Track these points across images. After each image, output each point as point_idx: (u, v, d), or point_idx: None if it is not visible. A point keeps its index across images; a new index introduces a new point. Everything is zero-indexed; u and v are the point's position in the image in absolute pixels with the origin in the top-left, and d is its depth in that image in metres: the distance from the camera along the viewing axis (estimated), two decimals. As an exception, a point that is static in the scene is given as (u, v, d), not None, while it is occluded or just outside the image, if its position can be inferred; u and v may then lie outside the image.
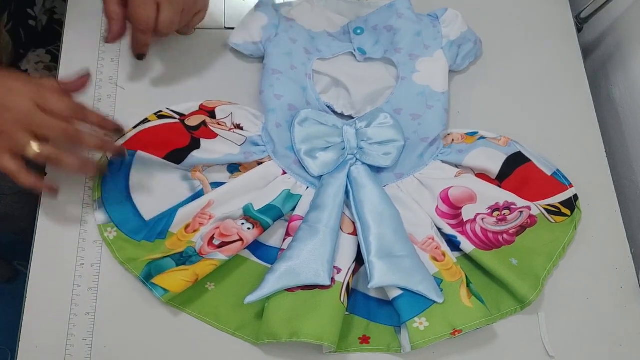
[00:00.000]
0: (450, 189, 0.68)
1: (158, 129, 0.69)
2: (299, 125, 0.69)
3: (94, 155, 0.68)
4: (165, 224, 0.65)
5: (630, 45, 0.83)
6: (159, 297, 0.61)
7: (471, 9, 0.84)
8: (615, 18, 0.86)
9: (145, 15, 0.66)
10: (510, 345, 0.65)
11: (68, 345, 0.61)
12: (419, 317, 0.61)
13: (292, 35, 0.75)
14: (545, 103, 0.79)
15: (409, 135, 0.72)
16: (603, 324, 0.67)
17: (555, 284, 0.68)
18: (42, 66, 0.87)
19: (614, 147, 0.83)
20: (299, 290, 0.62)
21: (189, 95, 0.74)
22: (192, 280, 0.61)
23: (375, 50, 0.76)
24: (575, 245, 0.70)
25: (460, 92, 0.78)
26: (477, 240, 0.67)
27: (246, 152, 0.68)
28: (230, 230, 0.64)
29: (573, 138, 0.77)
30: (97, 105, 0.72)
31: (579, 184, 0.73)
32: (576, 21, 0.86)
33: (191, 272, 0.61)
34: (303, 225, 0.64)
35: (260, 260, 0.66)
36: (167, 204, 0.66)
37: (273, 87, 0.71)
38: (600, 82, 0.89)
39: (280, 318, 0.60)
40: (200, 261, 0.62)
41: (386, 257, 0.62)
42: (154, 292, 0.61)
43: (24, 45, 0.85)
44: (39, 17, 0.87)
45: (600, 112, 0.81)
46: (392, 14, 0.77)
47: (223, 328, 0.63)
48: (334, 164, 0.68)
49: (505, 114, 0.78)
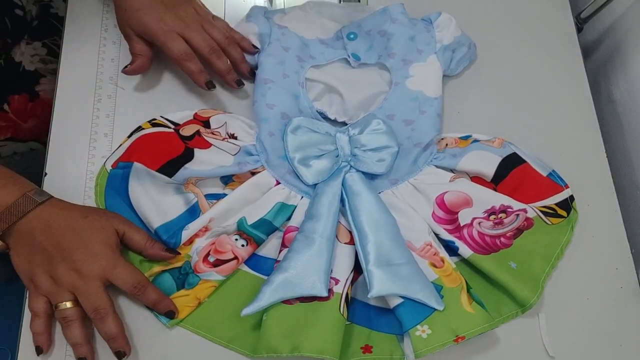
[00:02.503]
0: (446, 194, 0.68)
1: (153, 138, 0.68)
2: (292, 133, 0.68)
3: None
4: (173, 246, 0.64)
5: (630, 45, 0.83)
6: (165, 324, 0.61)
7: (471, 9, 0.85)
8: (615, 18, 0.86)
9: (177, 49, 0.68)
10: (510, 345, 0.65)
11: (68, 345, 0.61)
12: (420, 324, 0.60)
13: (284, 43, 0.74)
14: (545, 103, 0.79)
15: (403, 141, 0.71)
16: (603, 324, 0.67)
17: (555, 284, 0.68)
18: (37, 59, 0.87)
19: (614, 147, 0.83)
20: (297, 302, 0.61)
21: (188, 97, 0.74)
22: (195, 305, 0.62)
23: (369, 55, 0.76)
24: (575, 245, 0.70)
25: (461, 93, 0.78)
26: (474, 244, 0.67)
27: (240, 162, 0.68)
28: (225, 246, 0.63)
29: (573, 138, 0.77)
30: (97, 106, 0.72)
31: (579, 184, 0.73)
32: (576, 21, 0.86)
33: (192, 298, 0.62)
34: (298, 235, 0.63)
35: (255, 271, 0.65)
36: (162, 219, 0.65)
37: (265, 96, 0.71)
38: (600, 82, 0.89)
39: (279, 332, 0.59)
40: (199, 284, 0.62)
41: (385, 266, 0.61)
42: (159, 320, 0.62)
43: (10, 34, 0.85)
44: (27, 7, 0.87)
45: (600, 112, 0.81)
46: (385, 18, 0.76)
47: (216, 340, 0.62)
48: (328, 172, 0.67)
49: (505, 115, 0.78)
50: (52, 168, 0.68)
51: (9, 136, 0.86)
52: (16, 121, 0.86)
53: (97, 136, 0.70)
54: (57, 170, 0.68)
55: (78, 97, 0.72)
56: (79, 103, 0.72)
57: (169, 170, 0.66)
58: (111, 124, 0.71)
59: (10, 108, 0.85)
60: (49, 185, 0.67)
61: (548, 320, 0.66)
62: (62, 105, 0.72)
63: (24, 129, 0.87)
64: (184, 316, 0.62)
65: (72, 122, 0.70)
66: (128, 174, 0.66)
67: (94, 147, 0.70)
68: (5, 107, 0.85)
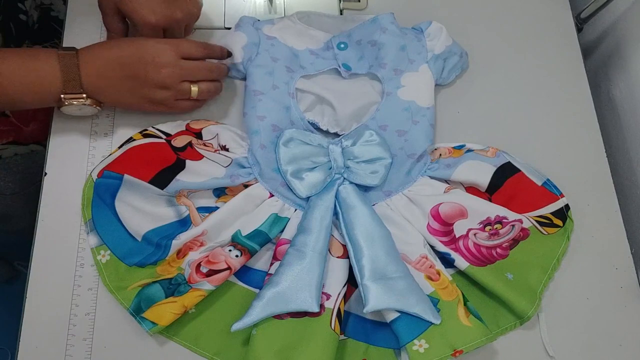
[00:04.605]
0: (441, 205, 0.67)
1: (144, 149, 0.68)
2: (284, 146, 0.68)
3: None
4: (160, 256, 0.64)
5: (630, 45, 0.83)
6: (147, 330, 0.60)
7: (471, 9, 0.85)
8: (615, 18, 0.86)
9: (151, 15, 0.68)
10: (510, 345, 0.65)
11: (68, 345, 0.61)
12: (418, 339, 0.60)
13: (273, 54, 0.74)
14: (545, 103, 0.79)
15: (396, 151, 0.70)
16: (603, 324, 0.67)
17: (556, 284, 0.68)
18: None
19: (614, 147, 0.83)
20: (288, 317, 0.60)
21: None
22: (181, 312, 0.60)
23: (360, 65, 0.75)
24: (575, 245, 0.70)
25: (462, 93, 0.78)
26: (470, 256, 0.66)
27: (233, 175, 0.67)
28: (218, 257, 0.62)
29: (573, 138, 0.77)
30: (97, 106, 0.72)
31: (579, 184, 0.73)
32: (576, 21, 0.86)
33: (179, 305, 0.60)
34: (290, 249, 0.62)
35: (245, 283, 0.65)
36: (152, 225, 0.65)
37: (255, 108, 0.70)
38: (600, 82, 0.89)
39: (269, 348, 0.58)
40: (188, 292, 0.61)
41: (380, 280, 0.61)
42: (142, 325, 0.60)
43: (14, 39, 0.85)
44: (29, 11, 0.87)
45: (600, 112, 0.81)
46: (375, 28, 0.76)
47: (201, 352, 0.61)
48: (321, 185, 0.67)
49: (505, 115, 0.78)
50: (52, 168, 0.69)
51: (11, 140, 0.87)
52: (18, 125, 0.86)
53: (97, 136, 0.70)
54: (57, 170, 0.68)
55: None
56: (79, 103, 0.72)
57: (161, 181, 0.66)
58: (111, 124, 0.71)
59: (12, 112, 0.85)
60: (49, 185, 0.67)
61: (548, 319, 0.66)
62: (62, 106, 0.72)
63: (25, 132, 0.87)
64: (166, 323, 0.60)
65: (72, 122, 0.71)
66: (116, 185, 0.65)
67: (94, 147, 0.70)
68: (7, 112, 0.85)
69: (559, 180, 0.72)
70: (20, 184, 0.88)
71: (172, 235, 0.64)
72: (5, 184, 0.87)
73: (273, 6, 0.82)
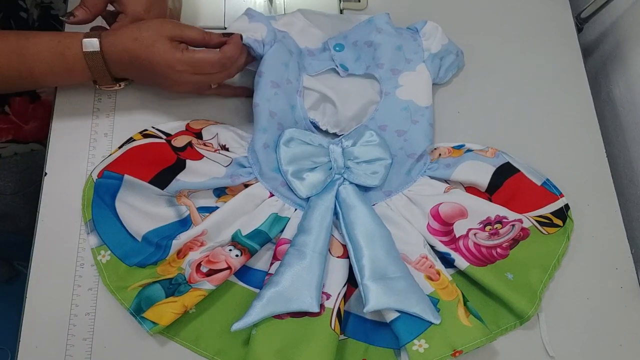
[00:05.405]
0: (441, 205, 0.67)
1: (145, 148, 0.68)
2: (285, 145, 0.67)
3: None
4: (161, 256, 0.63)
5: (630, 45, 0.83)
6: (148, 330, 0.60)
7: (472, 10, 0.85)
8: (615, 18, 0.86)
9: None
10: (510, 345, 0.65)
11: (68, 345, 0.61)
12: (417, 339, 0.60)
13: (288, 46, 0.72)
14: (545, 103, 0.79)
15: (396, 152, 0.70)
16: (603, 324, 0.67)
17: (556, 283, 0.68)
18: None
19: (614, 147, 0.83)
20: (288, 317, 0.60)
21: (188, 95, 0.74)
22: (181, 312, 0.60)
23: (357, 66, 0.74)
24: (575, 245, 0.70)
25: (461, 93, 0.78)
26: (470, 255, 0.67)
27: (233, 175, 0.67)
28: (218, 257, 0.62)
29: (573, 138, 0.77)
30: (97, 106, 0.72)
31: (579, 184, 0.73)
32: (576, 21, 0.86)
33: (180, 304, 0.60)
34: (290, 249, 0.62)
35: (245, 283, 0.65)
36: (152, 225, 0.64)
37: (270, 102, 0.68)
38: (600, 82, 0.89)
39: (269, 348, 0.58)
40: (188, 292, 0.60)
41: (380, 280, 0.61)
42: (142, 325, 0.60)
43: None
44: (30, 9, 0.87)
45: (600, 112, 0.81)
46: (371, 29, 0.75)
47: (201, 352, 0.62)
48: (321, 185, 0.66)
49: (505, 115, 0.78)
50: (52, 168, 0.69)
51: (10, 138, 0.87)
52: (17, 123, 0.86)
53: (97, 136, 0.70)
54: (57, 170, 0.68)
55: (78, 97, 0.72)
56: (79, 103, 0.72)
57: (161, 181, 0.65)
58: (111, 124, 0.71)
59: (11, 110, 0.85)
60: (49, 185, 0.67)
61: (548, 319, 0.66)
62: (62, 106, 0.72)
63: (25, 130, 0.87)
64: (166, 323, 0.60)
65: (72, 122, 0.71)
66: (116, 185, 0.65)
67: (94, 147, 0.70)
68: (7, 110, 0.85)
69: (559, 180, 0.72)
70: (20, 183, 0.88)
71: (172, 235, 0.64)
72: (5, 184, 0.87)
73: (273, 6, 0.82)
